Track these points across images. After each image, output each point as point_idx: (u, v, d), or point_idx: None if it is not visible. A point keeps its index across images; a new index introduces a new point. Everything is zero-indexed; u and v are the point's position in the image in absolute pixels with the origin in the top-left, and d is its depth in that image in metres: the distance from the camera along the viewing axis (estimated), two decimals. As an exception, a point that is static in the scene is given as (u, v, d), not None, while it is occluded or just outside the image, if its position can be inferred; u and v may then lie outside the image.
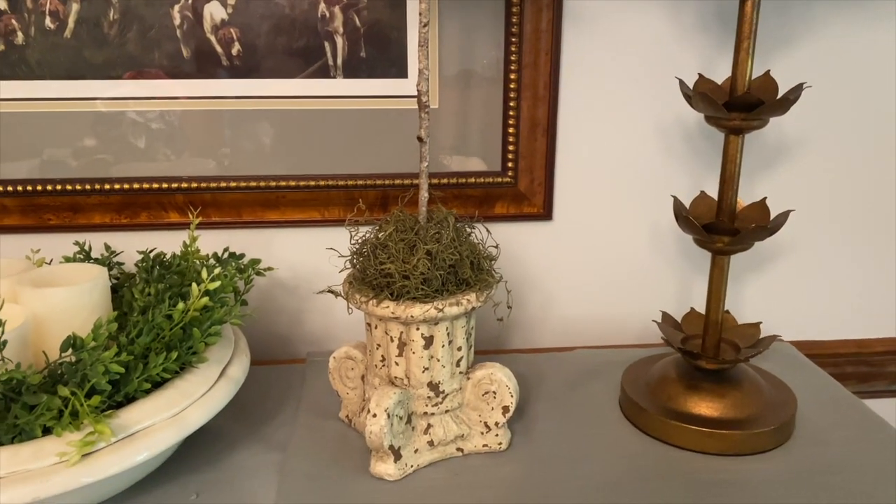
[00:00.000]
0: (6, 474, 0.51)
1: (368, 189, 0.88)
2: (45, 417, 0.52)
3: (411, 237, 0.67)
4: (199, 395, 0.61)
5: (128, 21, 0.80)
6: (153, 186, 0.85)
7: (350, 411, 0.76)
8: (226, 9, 0.81)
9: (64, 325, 0.62)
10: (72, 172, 0.84)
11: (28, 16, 0.79)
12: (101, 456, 0.54)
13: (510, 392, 0.70)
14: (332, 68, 0.84)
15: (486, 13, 0.83)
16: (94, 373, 0.54)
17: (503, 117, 0.87)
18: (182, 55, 0.82)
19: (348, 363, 0.75)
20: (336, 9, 0.82)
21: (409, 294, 0.65)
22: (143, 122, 0.84)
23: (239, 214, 0.88)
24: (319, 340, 0.95)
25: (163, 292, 0.68)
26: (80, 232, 0.86)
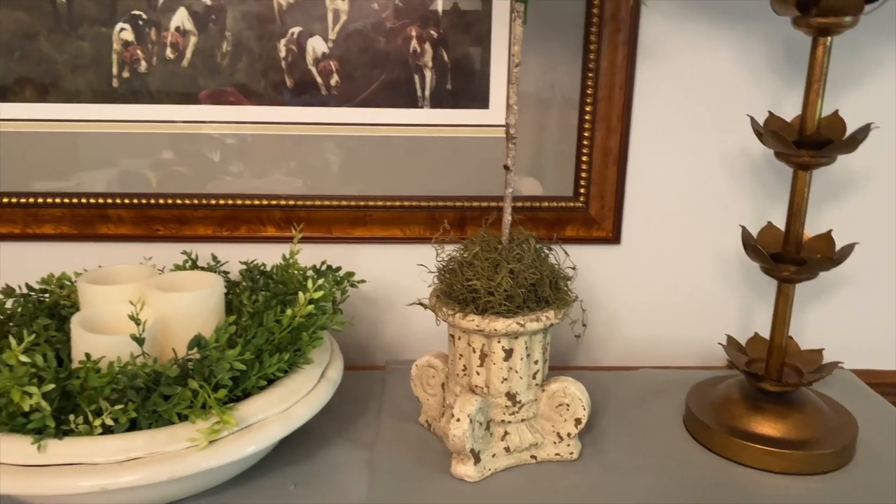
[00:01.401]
0: (146, 455, 0.58)
1: (448, 210, 0.94)
2: (180, 407, 0.59)
3: (495, 256, 0.73)
4: (304, 393, 0.68)
5: (239, 52, 0.88)
6: (254, 203, 0.93)
7: (430, 416, 0.82)
8: (327, 43, 0.88)
9: (186, 325, 0.69)
10: (181, 187, 0.93)
11: (151, 46, 0.88)
12: (225, 443, 0.61)
13: (583, 405, 0.75)
14: (420, 99, 0.91)
15: (565, 50, 0.89)
16: (220, 369, 0.62)
17: (577, 146, 0.92)
18: (286, 84, 0.89)
19: (429, 371, 0.81)
20: (427, 45, 0.89)
21: (492, 309, 0.71)
22: (246, 145, 0.92)
23: (329, 230, 0.95)
24: (395, 350, 1.02)
25: (269, 299, 0.76)
26: (185, 242, 0.94)
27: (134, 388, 0.60)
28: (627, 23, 0.88)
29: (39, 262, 0.94)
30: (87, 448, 0.58)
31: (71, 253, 0.94)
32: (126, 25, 0.87)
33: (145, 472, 0.57)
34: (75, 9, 0.86)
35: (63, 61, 0.87)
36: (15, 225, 0.93)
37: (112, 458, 0.58)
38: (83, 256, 0.93)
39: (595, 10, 0.87)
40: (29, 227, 0.93)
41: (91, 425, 0.59)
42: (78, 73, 0.88)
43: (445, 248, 0.78)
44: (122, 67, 0.88)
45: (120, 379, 0.59)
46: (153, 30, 0.87)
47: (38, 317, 0.73)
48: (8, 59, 0.87)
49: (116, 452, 0.58)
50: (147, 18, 0.87)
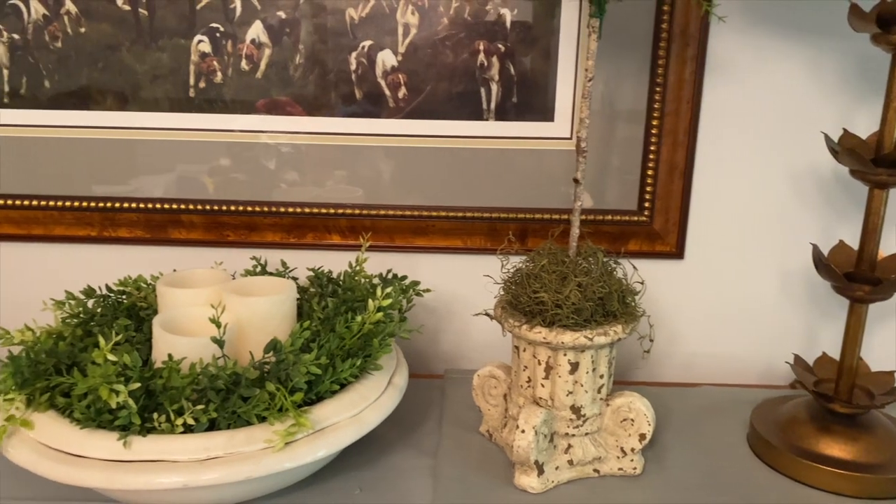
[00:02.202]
0: (224, 454, 0.60)
1: (509, 222, 0.95)
2: (259, 408, 0.61)
3: (563, 269, 0.73)
4: (373, 398, 0.69)
5: (311, 65, 0.91)
6: (321, 211, 0.95)
7: (491, 426, 0.83)
8: (396, 56, 0.90)
9: (260, 329, 0.71)
10: (237, 194, 0.95)
11: (227, 58, 0.91)
12: (299, 445, 0.62)
13: (648, 421, 0.75)
14: (486, 111, 0.92)
15: (632, 64, 0.89)
16: (296, 372, 0.63)
17: (643, 160, 0.92)
18: (355, 97, 0.91)
19: (491, 381, 0.82)
20: (494, 58, 0.90)
21: (560, 322, 0.71)
22: (306, 154, 0.94)
23: (392, 239, 0.97)
24: (453, 359, 1.03)
25: (338, 306, 0.77)
26: (254, 248, 0.97)
27: (214, 388, 0.62)
28: (696, 38, 0.88)
29: (114, 264, 0.97)
30: (170, 446, 0.60)
31: (144, 256, 0.97)
32: (204, 37, 0.90)
33: (224, 472, 0.59)
34: (157, 21, 0.89)
35: (143, 72, 0.91)
36: (92, 228, 0.96)
37: (193, 456, 0.60)
38: (156, 259, 0.97)
39: (664, 26, 0.87)
40: (105, 230, 0.96)
41: (173, 424, 0.61)
42: (156, 83, 0.91)
43: (510, 260, 0.78)
44: (199, 78, 0.91)
45: (201, 380, 0.62)
46: (229, 42, 0.90)
47: (119, 317, 0.76)
48: (91, 69, 0.91)
49: (197, 451, 0.60)
50: (224, 31, 0.90)
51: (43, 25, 0.90)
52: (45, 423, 0.62)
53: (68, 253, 0.98)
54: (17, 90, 0.92)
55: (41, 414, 0.63)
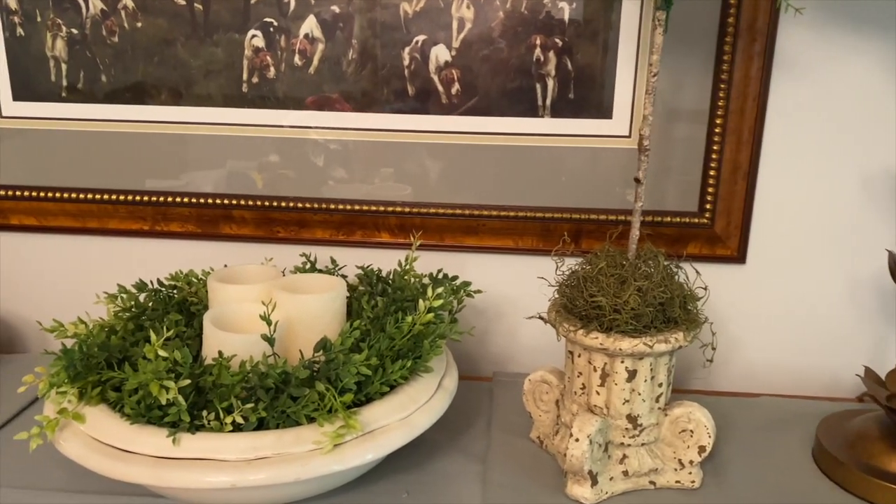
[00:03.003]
0: (273, 455, 0.59)
1: (563, 222, 0.92)
2: (309, 408, 0.60)
3: (622, 273, 0.70)
4: (423, 401, 0.68)
5: (364, 60, 0.89)
6: (371, 208, 0.94)
7: (542, 433, 0.80)
8: (450, 51, 0.88)
9: (310, 327, 0.70)
10: (285, 190, 0.95)
11: (280, 53, 0.90)
12: (348, 448, 0.61)
13: (708, 433, 0.71)
14: (541, 108, 0.89)
15: (695, 60, 0.86)
16: (346, 373, 0.62)
17: (704, 159, 0.88)
18: (408, 92, 0.90)
19: (543, 387, 0.79)
20: (551, 53, 0.87)
21: (618, 328, 0.68)
22: (361, 152, 0.93)
23: (441, 238, 0.95)
24: (502, 361, 1.00)
25: (388, 305, 0.76)
26: (303, 245, 0.96)
27: (264, 387, 0.61)
28: (764, 33, 0.84)
29: (166, 258, 0.98)
30: (218, 444, 0.59)
31: (195, 251, 0.98)
32: (258, 32, 0.89)
33: (272, 472, 0.58)
34: (211, 16, 0.89)
35: (197, 66, 0.91)
36: (145, 222, 0.97)
37: (241, 455, 0.59)
38: (207, 254, 0.97)
39: (731, 20, 0.83)
40: (158, 224, 0.97)
41: (222, 422, 0.60)
42: (210, 78, 0.91)
43: (565, 262, 0.76)
44: (252, 73, 0.91)
45: (251, 378, 0.61)
46: (283, 37, 0.89)
47: (170, 312, 0.75)
48: (147, 63, 0.91)
49: (246, 451, 0.59)
50: (278, 25, 0.89)
51: (100, 20, 0.90)
52: (96, 417, 0.62)
53: (121, 246, 0.99)
54: (75, 84, 0.93)
55: (92, 407, 0.63)
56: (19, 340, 1.05)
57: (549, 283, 0.76)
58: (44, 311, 1.03)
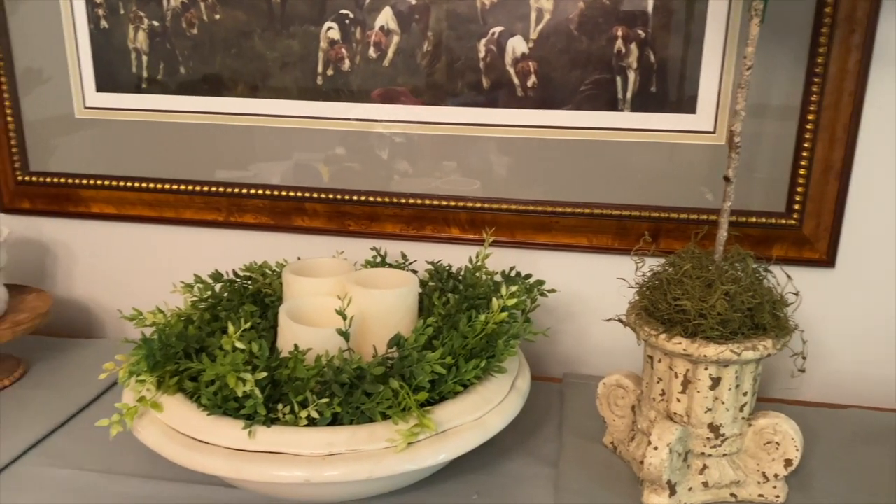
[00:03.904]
0: (347, 451, 0.59)
1: (641, 220, 0.89)
2: (383, 405, 0.59)
3: (708, 276, 0.67)
4: (496, 402, 0.66)
5: (438, 53, 0.88)
6: (441, 203, 0.93)
7: (616, 438, 0.78)
8: (527, 43, 0.86)
9: (383, 322, 0.70)
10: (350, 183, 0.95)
11: (355, 46, 0.89)
12: (421, 447, 0.60)
13: (795, 446, 0.68)
14: (621, 101, 0.86)
15: (786, 52, 0.81)
16: (420, 371, 0.61)
17: (794, 157, 0.84)
18: (482, 85, 0.88)
19: (618, 391, 0.77)
20: (633, 45, 0.84)
21: (703, 333, 0.65)
22: (430, 145, 0.91)
23: (512, 235, 0.93)
24: (571, 362, 0.98)
25: (459, 303, 0.74)
26: (373, 238, 0.95)
27: (338, 382, 0.60)
28: (864, 24, 0.79)
29: (239, 248, 0.99)
30: (294, 438, 0.59)
31: (267, 242, 0.98)
32: (334, 24, 0.89)
33: (346, 469, 0.58)
34: (288, 8, 0.89)
35: (273, 59, 0.91)
36: (219, 213, 0.98)
37: (316, 451, 0.58)
38: (279, 246, 0.97)
39: (827, 10, 0.79)
40: (232, 215, 0.98)
41: (296, 416, 0.60)
42: (286, 70, 0.91)
43: (646, 262, 0.73)
44: (327, 66, 0.91)
45: (326, 372, 0.60)
46: (358, 29, 0.89)
47: (244, 303, 0.76)
48: (225, 55, 0.92)
49: (320, 446, 0.58)
50: (353, 18, 0.88)
51: (181, 12, 0.92)
52: (173, 407, 0.63)
53: (196, 236, 1.01)
54: (155, 76, 0.94)
55: (170, 397, 0.64)
56: (97, 326, 1.08)
57: (628, 284, 0.73)
58: (119, 298, 1.06)
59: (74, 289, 1.07)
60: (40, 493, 0.69)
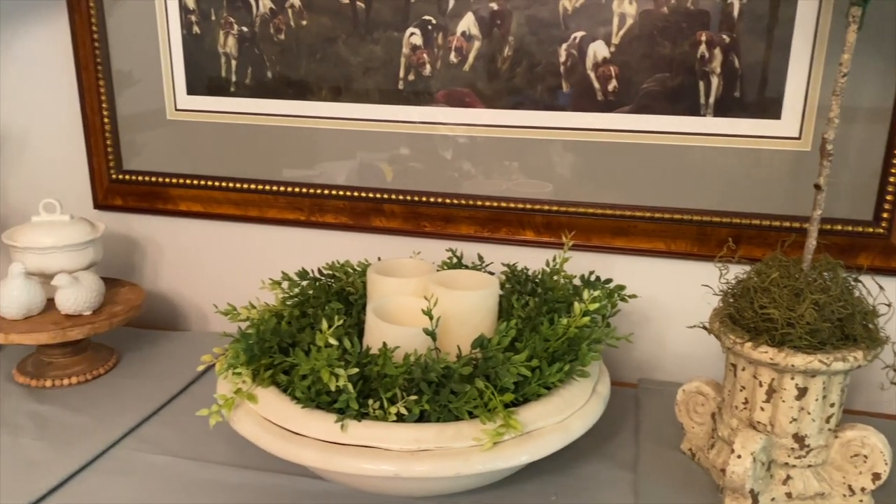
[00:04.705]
0: (434, 448, 0.60)
1: (721, 227, 0.88)
2: (470, 405, 0.61)
3: (796, 284, 0.66)
4: (578, 405, 0.67)
5: (519, 57, 0.89)
6: (517, 206, 0.94)
7: (694, 445, 0.77)
8: (609, 47, 0.86)
9: (464, 323, 0.71)
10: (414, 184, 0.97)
11: (437, 51, 0.91)
12: (506, 447, 0.61)
13: (885, 460, 0.66)
14: (703, 106, 0.85)
15: (877, 55, 0.79)
16: (505, 372, 0.62)
17: (884, 164, 0.82)
18: (562, 89, 0.89)
19: (698, 398, 0.77)
20: (717, 50, 0.83)
21: (790, 342, 0.65)
22: (505, 147, 0.92)
23: (588, 238, 0.93)
24: (646, 368, 0.98)
25: (539, 306, 0.75)
26: (448, 240, 0.97)
27: (426, 380, 0.62)
28: (962, 26, 0.76)
29: (318, 247, 1.02)
30: (383, 433, 0.61)
31: (346, 241, 1.01)
32: (416, 30, 0.91)
33: (434, 465, 0.59)
34: (372, 14, 0.92)
35: (357, 64, 0.94)
36: (301, 212, 1.01)
37: (405, 446, 0.60)
38: (357, 245, 1.00)
39: (924, 12, 0.77)
40: (313, 215, 1.01)
41: (385, 411, 0.62)
42: (368, 75, 0.94)
43: (730, 269, 0.73)
44: (409, 70, 0.93)
45: (414, 370, 0.62)
46: (440, 34, 0.90)
47: (330, 301, 0.78)
48: (310, 60, 0.95)
49: (409, 442, 0.60)
50: (436, 23, 0.90)
51: (269, 18, 0.95)
52: (267, 399, 0.65)
53: (277, 234, 1.04)
54: (243, 80, 0.98)
55: (264, 389, 0.66)
56: (182, 318, 1.13)
57: (713, 291, 0.73)
58: (203, 292, 1.10)
59: (160, 282, 1.12)
60: (136, 477, 0.73)
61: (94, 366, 0.92)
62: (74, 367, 0.91)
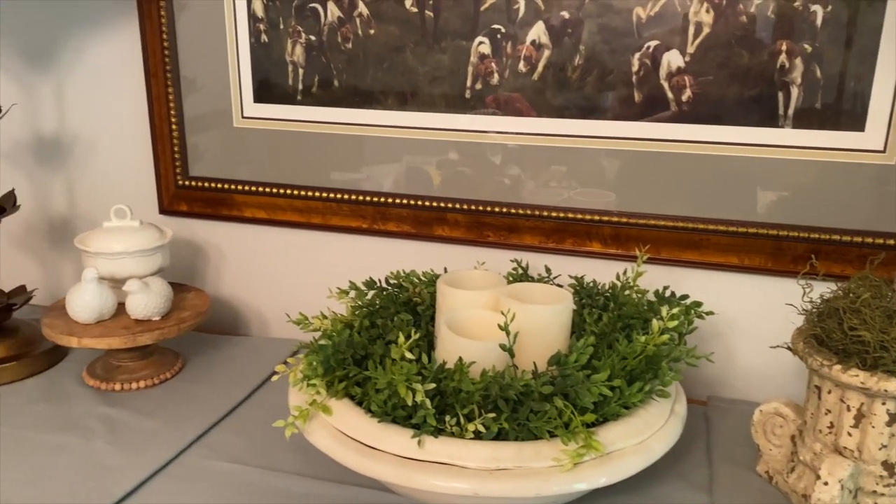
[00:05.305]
0: (513, 467, 0.59)
1: (798, 241, 0.86)
2: (551, 424, 0.59)
3: (889, 305, 0.64)
4: (658, 426, 0.65)
5: (590, 67, 0.87)
6: (584, 217, 0.92)
7: (772, 468, 0.75)
8: (684, 57, 0.84)
9: (537, 338, 0.70)
10: (463, 192, 0.95)
11: (505, 60, 0.90)
12: (587, 468, 0.60)
13: (982, 491, 0.63)
14: (782, 118, 0.83)
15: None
16: (585, 392, 0.60)
17: (976, 180, 0.79)
18: (633, 99, 0.87)
19: (777, 420, 0.74)
20: (798, 60, 0.81)
21: (884, 366, 0.62)
22: (567, 157, 0.91)
23: (657, 251, 0.91)
24: (714, 385, 0.95)
25: (613, 321, 0.74)
26: (511, 250, 0.96)
27: (504, 398, 0.61)
28: None
29: (381, 255, 1.02)
30: (461, 451, 0.60)
31: (408, 250, 1.01)
32: (485, 39, 0.90)
33: (513, 485, 0.58)
34: (441, 23, 0.91)
35: (424, 73, 0.93)
36: (364, 220, 1.01)
37: (483, 464, 0.59)
38: (419, 254, 0.99)
39: None
40: (376, 223, 1.01)
41: (462, 428, 0.61)
42: (435, 84, 0.93)
43: (814, 287, 0.70)
44: (476, 79, 0.92)
45: (492, 387, 0.61)
46: (509, 43, 0.89)
47: (399, 311, 0.78)
48: (377, 69, 0.95)
49: (487, 460, 0.59)
50: (505, 32, 0.89)
51: (337, 27, 0.95)
52: (342, 411, 0.65)
53: (340, 242, 1.04)
54: (310, 88, 0.98)
55: (337, 401, 0.66)
56: (242, 323, 1.13)
57: (797, 309, 0.70)
58: (262, 298, 1.11)
59: (222, 287, 1.13)
60: (206, 485, 0.73)
61: (160, 370, 0.93)
62: (142, 371, 0.92)
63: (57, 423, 0.83)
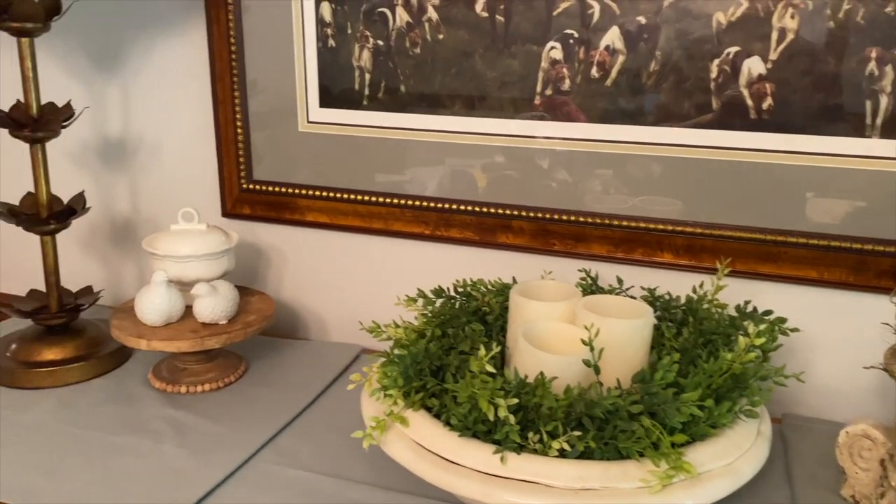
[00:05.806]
0: (600, 487, 0.57)
1: (884, 256, 0.82)
2: (640, 444, 0.58)
3: None
4: (745, 447, 0.63)
5: (666, 73, 0.85)
6: (656, 227, 0.90)
7: (858, 492, 0.72)
8: (765, 63, 0.82)
9: (616, 352, 0.68)
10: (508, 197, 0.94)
11: (577, 65, 0.88)
12: (675, 490, 0.58)
13: None
14: (869, 127, 0.80)
15: None
16: (674, 411, 0.58)
17: None
18: (711, 106, 0.85)
19: (864, 442, 0.71)
20: (887, 68, 0.78)
21: None
22: (633, 164, 0.89)
23: (732, 263, 0.88)
24: (789, 402, 0.92)
25: (694, 337, 0.71)
26: (578, 259, 0.94)
27: (590, 416, 0.59)
28: None
29: (443, 262, 1.01)
30: (545, 469, 0.58)
31: (471, 257, 0.99)
32: (557, 44, 0.88)
33: (601, 506, 0.56)
34: (512, 28, 0.90)
35: (492, 78, 0.92)
36: (426, 226, 1.00)
37: (568, 484, 0.58)
38: (482, 262, 0.98)
39: None
40: (439, 229, 1.00)
41: (545, 445, 0.59)
42: (504, 89, 0.92)
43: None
44: (546, 85, 0.90)
45: (577, 404, 0.59)
46: (582, 48, 0.88)
47: (470, 321, 0.76)
48: (445, 74, 0.94)
49: (573, 479, 0.58)
50: (578, 37, 0.87)
51: (405, 32, 0.94)
52: (420, 424, 0.64)
53: (401, 248, 1.03)
54: (376, 93, 0.98)
55: (414, 413, 0.65)
56: (302, 327, 1.13)
57: (893, 328, 0.67)
58: (323, 302, 1.11)
59: (283, 291, 1.13)
60: (278, 492, 0.73)
61: (225, 373, 0.93)
62: (207, 374, 0.92)
63: (125, 425, 0.84)
